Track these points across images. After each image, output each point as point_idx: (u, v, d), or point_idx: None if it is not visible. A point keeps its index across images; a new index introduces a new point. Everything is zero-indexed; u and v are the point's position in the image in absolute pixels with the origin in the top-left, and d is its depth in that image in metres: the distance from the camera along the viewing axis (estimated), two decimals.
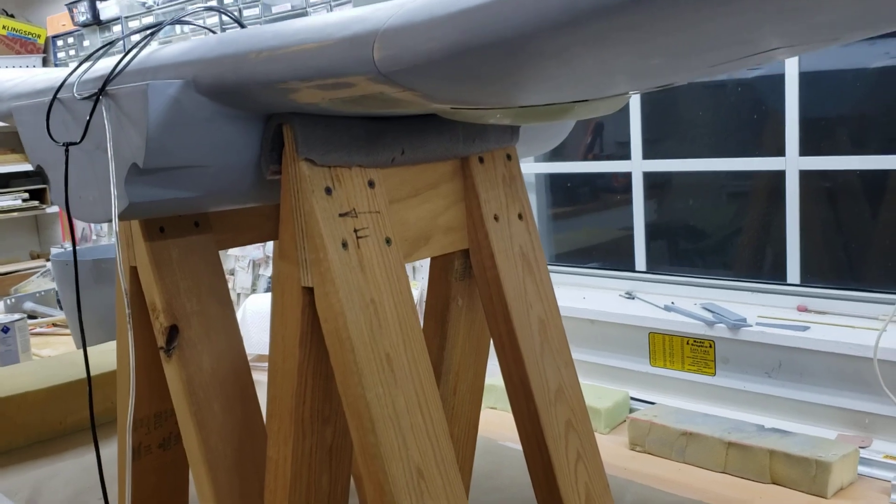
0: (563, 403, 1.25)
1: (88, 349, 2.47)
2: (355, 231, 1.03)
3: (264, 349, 2.63)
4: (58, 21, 4.20)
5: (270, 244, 3.16)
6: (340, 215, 1.02)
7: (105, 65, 1.05)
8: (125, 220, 1.04)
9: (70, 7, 3.95)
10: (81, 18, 3.89)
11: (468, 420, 1.40)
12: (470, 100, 0.84)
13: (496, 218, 1.23)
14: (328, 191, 1.02)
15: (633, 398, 2.06)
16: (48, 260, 4.13)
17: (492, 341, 1.26)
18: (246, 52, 0.90)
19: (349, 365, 1.00)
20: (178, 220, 1.30)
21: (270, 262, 3.16)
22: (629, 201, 2.36)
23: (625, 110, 2.30)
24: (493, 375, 2.15)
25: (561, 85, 0.83)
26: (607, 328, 2.14)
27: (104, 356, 2.33)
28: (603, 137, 2.59)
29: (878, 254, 1.99)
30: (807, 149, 1.97)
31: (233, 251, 3.28)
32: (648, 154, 2.26)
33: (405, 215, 1.14)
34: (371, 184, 1.07)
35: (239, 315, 2.84)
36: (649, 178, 2.29)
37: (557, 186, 2.61)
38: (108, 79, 0.98)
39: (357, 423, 1.01)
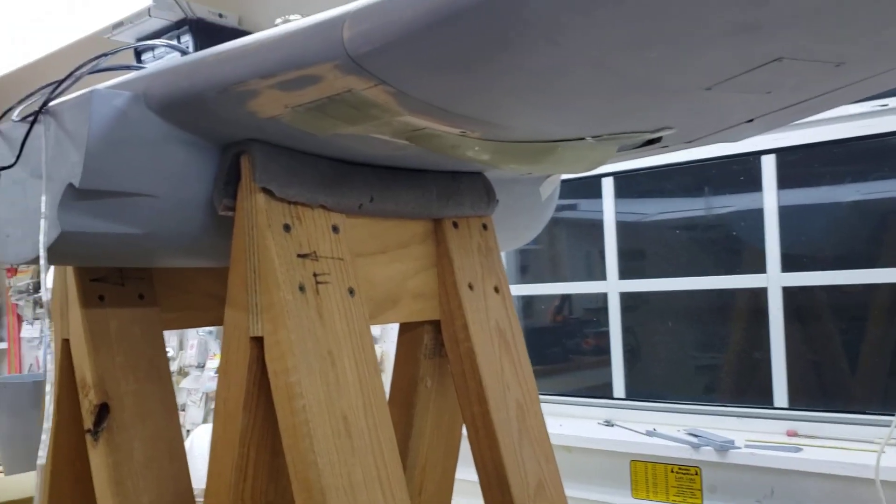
0: (545, 501, 1.10)
1: (20, 475, 2.25)
2: (315, 275, 0.92)
3: None
4: None
5: None
6: (299, 256, 0.92)
7: None
8: (55, 259, 0.92)
9: None
10: None
11: None
12: (447, 104, 0.76)
13: (471, 287, 1.12)
14: (287, 228, 0.91)
15: None
16: None
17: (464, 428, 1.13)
18: (204, 57, 0.82)
19: (300, 426, 0.86)
20: (121, 291, 1.18)
21: None
22: (601, 363, 2.29)
23: (599, 242, 2.26)
24: None
25: (549, 94, 0.76)
26: (585, 456, 1.99)
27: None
28: (571, 302, 2.57)
29: (868, 374, 1.89)
30: (788, 268, 1.92)
31: (185, 384, 3.10)
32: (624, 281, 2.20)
33: (371, 272, 1.04)
34: (335, 229, 0.97)
35: (186, 446, 2.63)
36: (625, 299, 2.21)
37: (529, 346, 2.57)
38: (51, 96, 0.89)
39: (305, 496, 0.86)
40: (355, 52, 0.69)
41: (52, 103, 0.88)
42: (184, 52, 1.10)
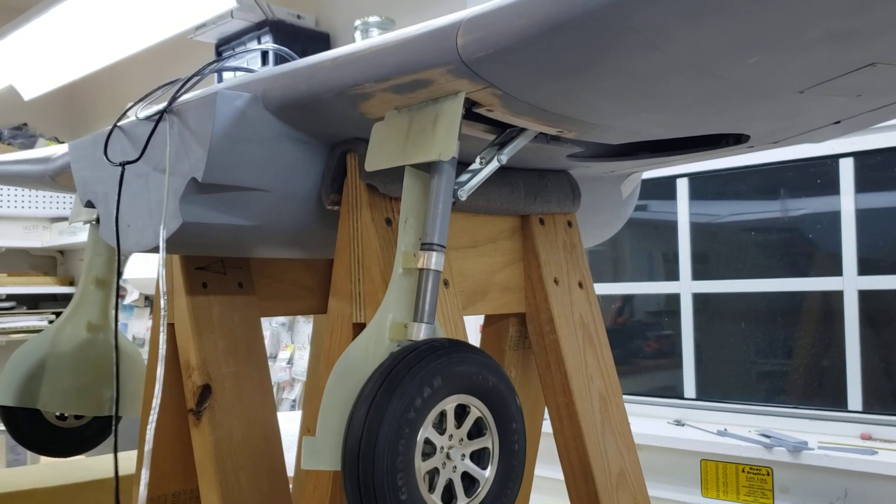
0: (626, 490, 1.14)
1: (98, 456, 2.34)
2: None
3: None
4: None
5: (298, 367, 3.08)
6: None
7: None
8: (173, 248, 0.99)
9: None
10: None
11: None
12: (550, 105, 0.81)
13: (556, 281, 1.16)
14: (388, 222, 0.97)
15: None
16: None
17: (547, 415, 1.17)
18: (321, 61, 0.88)
19: None
20: (222, 279, 1.25)
21: (296, 384, 3.07)
22: (662, 367, 2.30)
23: (672, 238, 2.27)
24: None
25: (649, 97, 0.80)
26: (655, 454, 2.01)
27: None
28: (633, 305, 2.58)
29: None
30: (864, 270, 1.91)
31: None
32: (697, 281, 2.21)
33: (462, 265, 1.09)
34: None
35: None
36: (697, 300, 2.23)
37: None
38: (175, 96, 0.96)
39: None
40: (469, 57, 0.74)
41: (175, 103, 0.95)
42: (291, 58, 1.16)
